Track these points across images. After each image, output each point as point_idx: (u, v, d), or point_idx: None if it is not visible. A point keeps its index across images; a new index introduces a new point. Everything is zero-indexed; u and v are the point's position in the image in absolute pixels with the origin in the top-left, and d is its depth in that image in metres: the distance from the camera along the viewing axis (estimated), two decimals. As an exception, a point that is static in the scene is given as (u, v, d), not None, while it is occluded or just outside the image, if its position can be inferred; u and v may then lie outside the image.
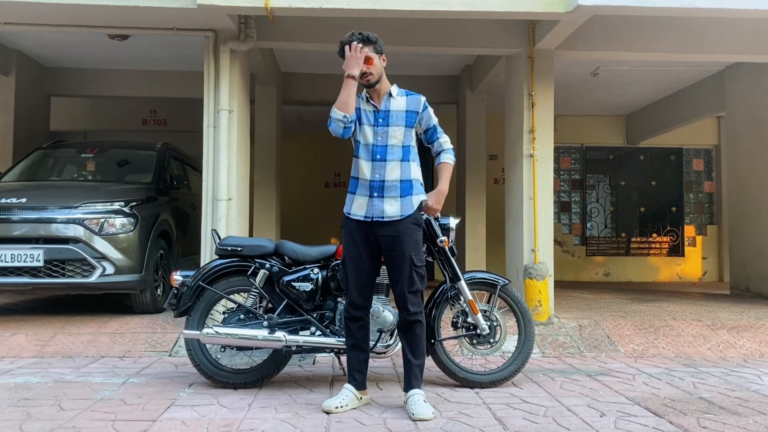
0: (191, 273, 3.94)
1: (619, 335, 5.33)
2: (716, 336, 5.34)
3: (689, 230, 11.42)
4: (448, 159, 3.61)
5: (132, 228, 5.42)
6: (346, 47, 3.40)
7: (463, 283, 3.88)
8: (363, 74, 3.39)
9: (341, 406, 3.35)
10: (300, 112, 10.60)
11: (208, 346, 3.88)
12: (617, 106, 10.57)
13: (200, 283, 3.86)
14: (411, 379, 3.43)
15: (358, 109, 3.47)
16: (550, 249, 5.87)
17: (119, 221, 5.37)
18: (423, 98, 3.56)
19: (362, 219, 3.41)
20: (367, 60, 3.39)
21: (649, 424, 3.18)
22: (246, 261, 3.92)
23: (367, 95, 3.51)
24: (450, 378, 3.94)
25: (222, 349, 3.95)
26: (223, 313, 3.95)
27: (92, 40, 7.14)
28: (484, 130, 8.57)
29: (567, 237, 11.37)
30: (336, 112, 3.35)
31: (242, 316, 3.84)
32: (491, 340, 3.93)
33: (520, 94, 5.98)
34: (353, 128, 3.43)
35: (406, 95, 3.55)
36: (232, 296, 3.94)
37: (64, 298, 6.81)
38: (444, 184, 3.60)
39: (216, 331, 3.74)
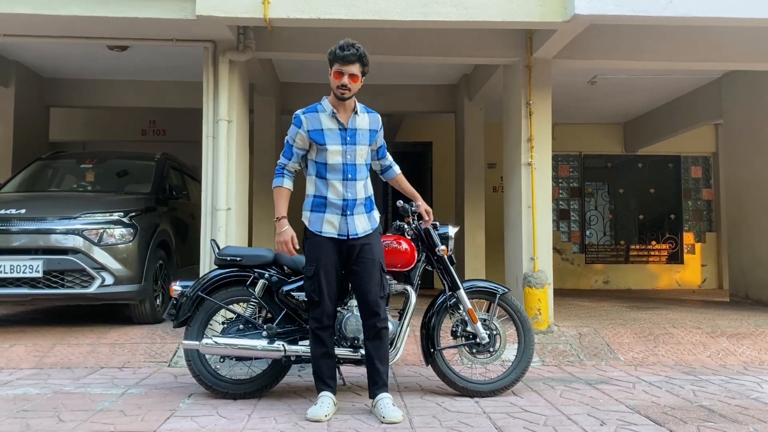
0: (190, 283, 3.94)
1: (618, 343, 5.32)
2: (716, 343, 5.34)
3: (688, 237, 11.43)
4: (399, 170, 3.90)
5: (131, 238, 5.42)
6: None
7: (462, 292, 3.88)
8: (341, 86, 3.42)
9: (328, 415, 3.38)
10: (299, 122, 10.61)
11: (207, 356, 3.88)
12: (615, 114, 10.60)
13: (199, 293, 3.86)
14: (380, 384, 3.48)
15: (318, 131, 3.46)
16: (549, 257, 5.87)
17: (118, 231, 5.37)
18: (379, 116, 3.68)
19: (336, 237, 3.47)
20: (353, 77, 3.42)
21: (650, 432, 3.17)
22: (245, 271, 3.92)
23: (334, 111, 3.50)
24: (450, 387, 3.93)
25: (221, 360, 3.94)
26: (222, 323, 3.95)
27: (91, 51, 7.17)
28: (483, 139, 8.60)
29: (566, 245, 11.38)
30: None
31: (241, 326, 3.83)
32: (491, 349, 3.93)
33: (517, 103, 6.00)
34: (299, 161, 3.59)
35: (368, 112, 3.62)
36: (231, 306, 3.94)
37: (63, 309, 6.80)
38: (417, 194, 3.89)
39: (215, 342, 3.74)
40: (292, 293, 3.83)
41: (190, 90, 7.99)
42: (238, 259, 3.93)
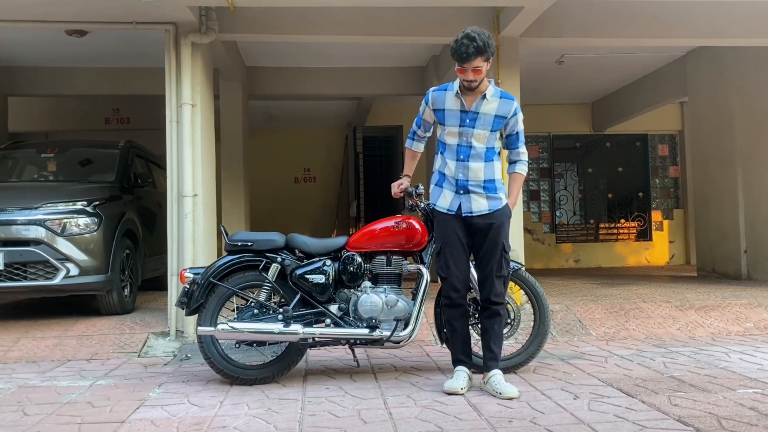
0: (201, 270, 3.89)
1: (590, 319, 5.37)
2: (685, 316, 5.42)
3: (656, 215, 11.61)
4: (521, 170, 3.72)
5: (96, 228, 5.29)
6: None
7: (472, 270, 3.84)
8: (465, 80, 3.45)
9: (464, 388, 3.45)
10: (267, 107, 10.48)
11: (221, 341, 3.82)
12: (583, 94, 10.67)
13: (211, 279, 3.81)
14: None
15: (441, 111, 3.56)
16: (521, 237, 5.89)
17: (82, 221, 5.23)
18: (515, 104, 3.58)
19: (446, 212, 3.59)
20: (476, 71, 3.39)
21: (622, 404, 3.20)
22: (257, 256, 3.88)
23: (459, 90, 3.51)
24: None
25: (237, 345, 3.89)
26: (234, 309, 3.91)
27: (50, 36, 6.94)
28: (452, 121, 8.56)
29: (536, 225, 11.47)
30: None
31: (256, 311, 3.80)
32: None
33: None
34: (428, 131, 3.81)
35: (500, 97, 3.56)
36: (243, 292, 3.88)
37: (27, 302, 6.63)
38: (513, 197, 3.70)
39: (231, 327, 3.70)
40: (306, 276, 3.80)
41: (153, 76, 7.74)
42: (249, 244, 3.89)
